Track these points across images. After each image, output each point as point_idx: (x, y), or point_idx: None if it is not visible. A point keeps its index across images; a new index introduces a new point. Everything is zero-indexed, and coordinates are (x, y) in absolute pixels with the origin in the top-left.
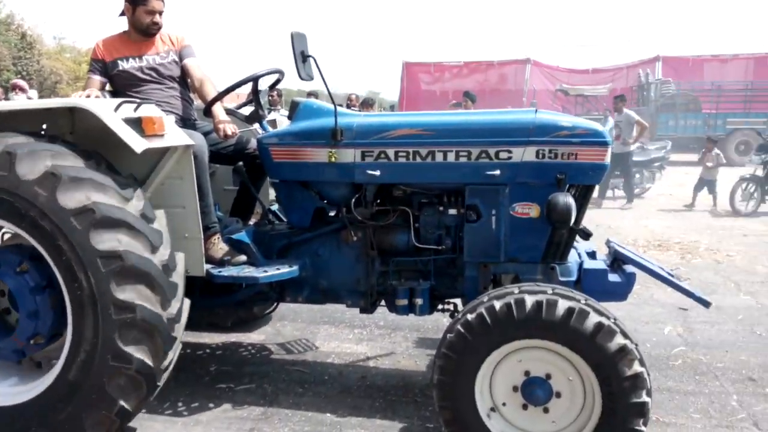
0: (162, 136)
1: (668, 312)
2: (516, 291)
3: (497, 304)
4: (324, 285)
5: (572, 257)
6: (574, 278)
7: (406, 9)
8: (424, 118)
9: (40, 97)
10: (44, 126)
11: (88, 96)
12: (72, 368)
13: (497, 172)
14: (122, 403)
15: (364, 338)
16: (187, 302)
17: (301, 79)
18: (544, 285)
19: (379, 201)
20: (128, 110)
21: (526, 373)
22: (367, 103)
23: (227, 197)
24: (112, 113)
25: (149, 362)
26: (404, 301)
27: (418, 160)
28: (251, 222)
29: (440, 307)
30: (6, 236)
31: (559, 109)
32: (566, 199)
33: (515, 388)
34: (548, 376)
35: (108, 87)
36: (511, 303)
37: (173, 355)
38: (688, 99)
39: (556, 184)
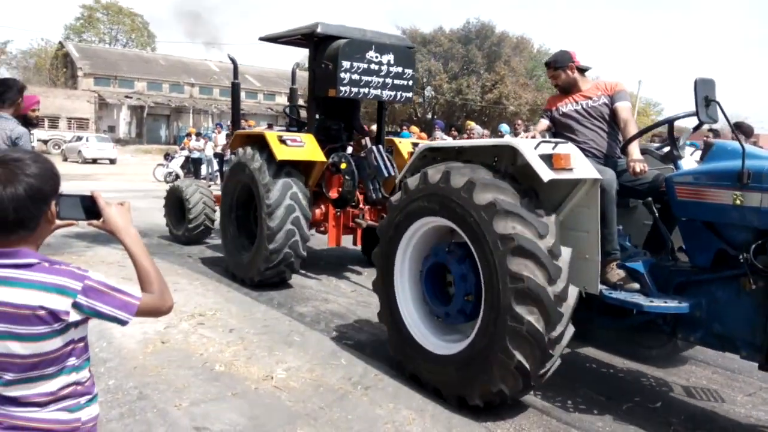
0: (570, 169)
1: None
2: None
3: None
4: (718, 329)
5: None
6: None
7: None
8: None
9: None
10: (495, 158)
11: (533, 136)
12: (486, 326)
13: None
14: (519, 358)
15: None
16: (574, 289)
17: (700, 121)
18: None
19: None
20: (547, 148)
21: None
22: None
23: (646, 231)
24: (532, 150)
25: (537, 326)
26: None
27: None
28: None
29: None
30: (426, 227)
31: None
32: None
33: None
34: None
35: (552, 128)
36: None
37: (563, 330)
38: None
39: None
